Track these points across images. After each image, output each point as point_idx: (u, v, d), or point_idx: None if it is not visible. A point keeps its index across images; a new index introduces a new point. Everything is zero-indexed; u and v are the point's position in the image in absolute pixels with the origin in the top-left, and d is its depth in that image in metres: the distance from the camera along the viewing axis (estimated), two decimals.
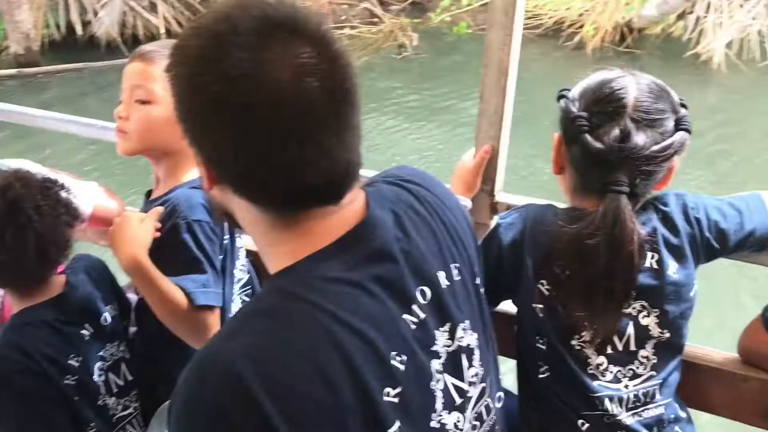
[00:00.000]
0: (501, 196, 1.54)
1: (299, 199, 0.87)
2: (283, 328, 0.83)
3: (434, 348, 0.92)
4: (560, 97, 1.33)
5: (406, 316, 0.89)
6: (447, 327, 0.94)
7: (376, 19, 8.74)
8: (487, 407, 1.02)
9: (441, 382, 0.91)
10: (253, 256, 1.63)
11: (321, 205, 0.88)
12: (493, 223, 1.47)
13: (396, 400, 0.85)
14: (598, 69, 1.32)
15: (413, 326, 0.89)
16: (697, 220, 1.31)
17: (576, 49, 7.80)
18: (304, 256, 0.88)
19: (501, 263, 1.34)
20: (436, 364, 0.91)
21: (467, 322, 0.98)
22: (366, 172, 1.12)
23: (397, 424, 0.84)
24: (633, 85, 1.27)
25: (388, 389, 0.84)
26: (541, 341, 1.33)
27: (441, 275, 0.96)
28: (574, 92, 1.32)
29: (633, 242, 1.23)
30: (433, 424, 0.90)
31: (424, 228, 0.97)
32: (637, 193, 1.27)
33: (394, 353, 0.86)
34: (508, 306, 1.41)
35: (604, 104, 1.26)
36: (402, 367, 0.86)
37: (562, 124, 1.32)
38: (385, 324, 0.87)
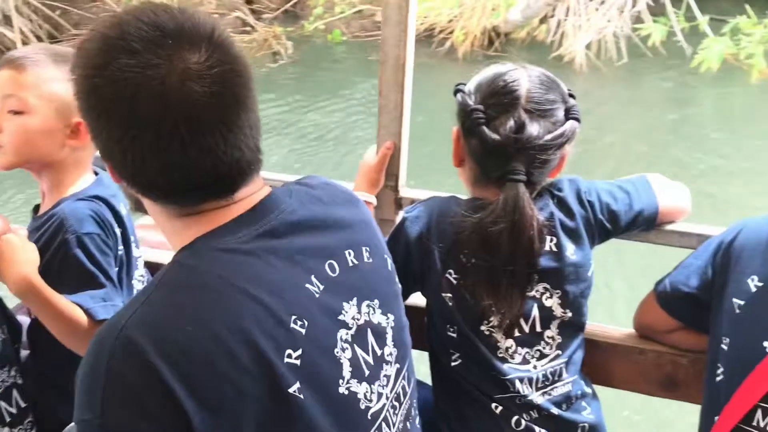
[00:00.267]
0: (405, 191, 1.56)
1: (188, 195, 0.92)
2: (177, 295, 0.88)
3: (341, 318, 0.96)
4: (457, 91, 1.37)
5: (308, 286, 0.94)
6: (355, 301, 0.99)
7: (248, 28, 8.64)
8: (404, 389, 1.06)
9: (348, 351, 0.96)
10: (151, 267, 1.57)
11: (213, 199, 0.93)
12: (398, 218, 1.49)
13: (298, 362, 0.89)
14: (468, 72, 1.38)
15: (317, 295, 0.94)
16: (590, 203, 1.38)
17: (447, 54, 8.00)
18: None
19: (409, 256, 1.36)
20: (343, 334, 0.96)
21: (377, 301, 1.03)
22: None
23: (297, 384, 0.88)
24: (525, 77, 1.32)
25: (289, 351, 0.89)
26: (451, 330, 1.36)
27: (349, 253, 1.01)
28: (470, 86, 1.36)
29: (533, 228, 1.28)
30: (342, 390, 0.94)
31: (329, 218, 1.02)
32: (533, 181, 1.32)
33: (294, 317, 0.90)
34: (417, 299, 1.43)
35: (499, 97, 1.31)
36: (303, 330, 0.91)
37: (460, 118, 1.36)
38: (283, 290, 0.91)
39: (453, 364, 1.37)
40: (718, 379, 1.27)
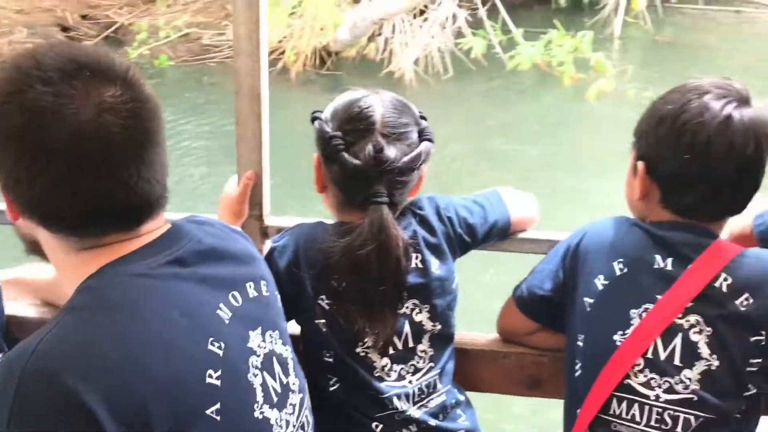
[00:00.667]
0: (270, 220, 1.55)
1: (94, 226, 0.92)
2: (91, 316, 0.88)
3: (250, 345, 0.99)
4: (314, 119, 1.39)
5: (219, 312, 0.97)
6: (259, 330, 1.02)
7: None
8: (307, 419, 1.09)
9: (259, 377, 0.98)
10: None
11: (117, 231, 0.93)
12: (266, 248, 1.48)
13: (218, 382, 0.91)
14: (303, 92, 1.41)
15: (227, 321, 0.97)
16: (449, 219, 1.44)
17: (281, 74, 8.00)
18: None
19: (281, 286, 1.35)
20: (254, 360, 0.99)
21: (277, 332, 1.06)
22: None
23: (217, 405, 0.90)
24: (378, 103, 1.36)
25: (210, 371, 0.91)
26: (327, 355, 1.37)
27: (249, 285, 1.04)
28: (326, 113, 1.38)
29: (399, 247, 1.33)
30: (257, 415, 0.97)
31: (228, 251, 1.05)
32: (395, 202, 1.36)
33: (211, 339, 0.93)
34: (290, 327, 1.42)
35: (355, 123, 1.34)
36: (220, 353, 0.93)
37: (319, 145, 1.38)
38: (197, 314, 0.93)
39: (331, 389, 1.38)
40: (577, 374, 1.36)
